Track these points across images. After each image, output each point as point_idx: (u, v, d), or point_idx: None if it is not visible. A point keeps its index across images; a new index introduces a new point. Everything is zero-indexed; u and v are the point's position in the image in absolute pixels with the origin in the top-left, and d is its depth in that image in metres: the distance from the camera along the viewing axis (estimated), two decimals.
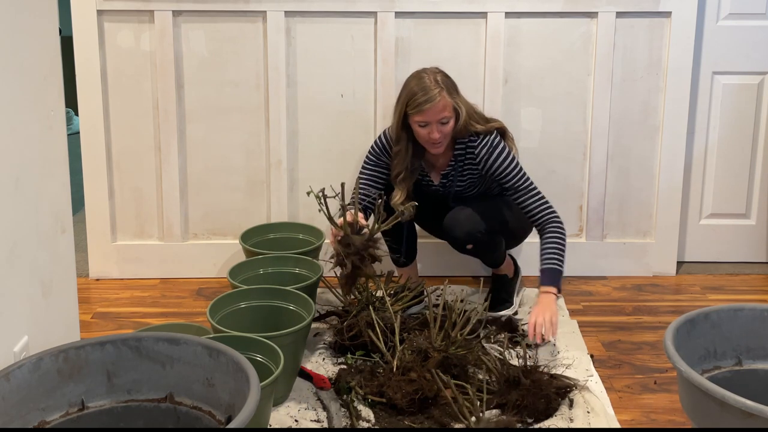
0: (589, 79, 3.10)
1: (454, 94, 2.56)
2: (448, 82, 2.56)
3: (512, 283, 2.92)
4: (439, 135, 2.55)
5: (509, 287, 2.90)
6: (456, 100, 2.56)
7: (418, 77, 2.56)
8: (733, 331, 2.02)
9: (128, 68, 3.06)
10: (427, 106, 2.51)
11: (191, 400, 1.79)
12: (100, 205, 3.13)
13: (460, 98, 2.59)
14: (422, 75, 2.56)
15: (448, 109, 2.54)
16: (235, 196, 3.18)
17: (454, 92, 2.57)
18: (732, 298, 3.03)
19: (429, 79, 2.54)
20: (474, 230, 2.66)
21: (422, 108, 2.51)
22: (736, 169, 3.27)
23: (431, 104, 2.51)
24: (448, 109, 2.54)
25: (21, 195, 1.84)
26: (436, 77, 2.54)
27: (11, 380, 1.66)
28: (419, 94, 2.52)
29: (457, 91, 2.59)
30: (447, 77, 2.58)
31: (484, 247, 2.77)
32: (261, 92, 3.09)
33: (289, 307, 2.46)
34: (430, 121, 2.53)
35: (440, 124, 2.54)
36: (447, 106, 2.53)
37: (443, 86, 2.53)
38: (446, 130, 2.56)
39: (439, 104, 2.51)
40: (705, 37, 3.14)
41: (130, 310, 2.94)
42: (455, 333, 2.40)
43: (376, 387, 2.25)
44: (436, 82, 2.53)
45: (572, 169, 3.16)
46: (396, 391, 2.19)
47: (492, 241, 2.75)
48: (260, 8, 3.01)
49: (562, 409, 2.27)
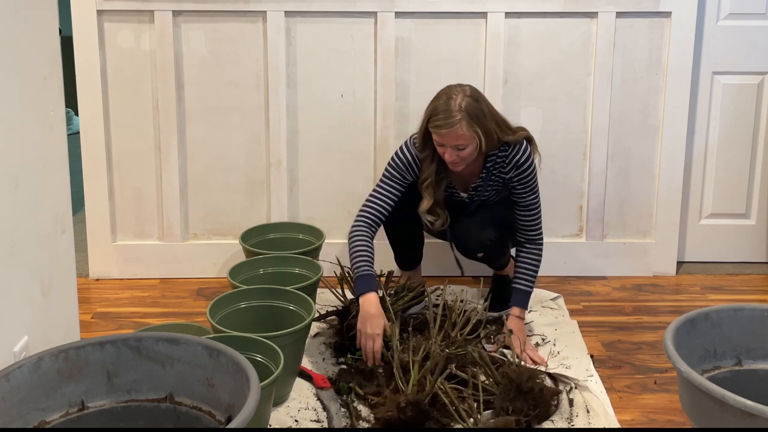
0: (589, 79, 3.10)
1: (475, 123, 2.42)
2: (475, 108, 2.43)
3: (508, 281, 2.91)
4: (454, 158, 2.47)
5: (507, 286, 2.89)
6: (476, 129, 2.43)
7: (447, 96, 2.45)
8: (733, 331, 2.02)
9: (128, 68, 3.06)
10: (443, 131, 2.43)
11: (191, 400, 1.79)
12: (100, 205, 3.13)
13: (483, 124, 2.44)
14: (452, 95, 2.44)
15: (465, 138, 2.43)
16: (235, 196, 3.18)
17: (478, 119, 2.43)
18: (732, 298, 3.03)
19: (455, 102, 2.42)
20: (485, 239, 2.66)
21: (439, 131, 2.44)
22: (736, 169, 3.27)
23: (447, 130, 2.42)
24: (465, 138, 2.43)
25: (21, 195, 1.84)
26: (462, 102, 2.42)
27: (11, 380, 1.66)
28: (440, 115, 2.42)
29: (485, 116, 2.45)
30: (476, 101, 2.45)
31: (494, 254, 2.78)
32: (261, 92, 3.09)
33: (289, 307, 2.46)
34: (446, 144, 2.46)
35: (456, 149, 2.45)
36: (463, 136, 2.42)
37: (466, 113, 2.41)
38: (463, 155, 2.47)
39: (456, 131, 2.41)
40: (705, 37, 3.14)
41: (130, 310, 2.94)
42: (455, 333, 2.40)
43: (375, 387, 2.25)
44: (459, 108, 2.41)
45: (572, 169, 3.16)
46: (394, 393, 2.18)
47: (501, 247, 2.76)
48: (260, 8, 3.01)
49: (562, 409, 2.27)
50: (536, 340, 2.68)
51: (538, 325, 2.78)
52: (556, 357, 2.55)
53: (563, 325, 2.78)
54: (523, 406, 2.17)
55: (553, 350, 2.60)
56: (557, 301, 2.97)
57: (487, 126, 2.45)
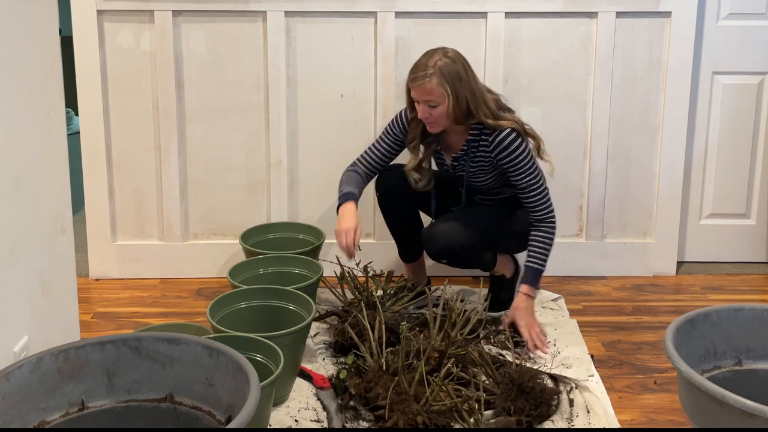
0: (589, 79, 3.10)
1: (447, 82, 2.47)
2: (450, 68, 2.48)
3: (512, 282, 2.91)
4: (427, 115, 2.52)
5: (508, 287, 2.89)
6: (449, 88, 2.47)
7: (428, 54, 2.52)
8: (733, 331, 2.02)
9: (128, 68, 3.06)
10: (415, 84, 2.50)
11: (191, 400, 1.79)
12: (100, 205, 3.13)
13: (460, 87, 2.49)
14: (433, 53, 2.52)
15: (436, 95, 2.48)
16: (235, 196, 3.18)
17: (451, 79, 2.47)
18: (732, 298, 3.03)
19: (432, 59, 2.49)
20: (449, 246, 2.64)
21: (412, 84, 2.52)
22: (736, 169, 3.27)
23: (417, 83, 2.49)
24: (436, 94, 2.48)
25: (21, 195, 1.84)
26: (438, 60, 2.48)
27: (11, 380, 1.66)
28: (414, 69, 2.52)
29: (460, 80, 2.48)
30: (453, 63, 2.49)
31: (460, 263, 2.79)
32: (261, 92, 3.09)
33: (289, 307, 2.46)
34: (418, 99, 2.52)
35: (429, 106, 2.51)
36: (434, 92, 2.47)
37: (438, 70, 2.46)
38: (436, 113, 2.51)
39: (425, 86, 2.48)
40: (705, 37, 3.14)
41: (130, 310, 2.94)
42: (455, 333, 2.40)
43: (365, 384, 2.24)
44: (434, 65, 2.47)
45: (572, 169, 3.16)
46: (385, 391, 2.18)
47: (470, 256, 2.74)
48: (260, 8, 3.01)
49: (563, 409, 2.27)
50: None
51: None
52: (557, 357, 2.55)
53: (563, 325, 2.78)
54: (524, 406, 2.17)
55: (553, 350, 2.60)
56: (558, 302, 2.97)
57: (458, 89, 2.48)
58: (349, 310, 2.58)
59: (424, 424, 2.06)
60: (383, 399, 2.13)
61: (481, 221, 2.72)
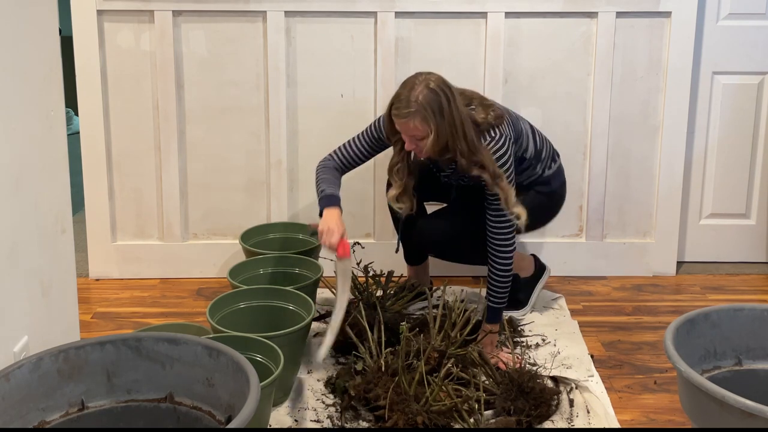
0: (589, 79, 3.10)
1: (430, 118, 2.33)
2: (432, 102, 2.33)
3: (528, 282, 2.88)
4: (413, 147, 2.43)
5: (524, 288, 2.88)
6: (430, 125, 2.34)
7: (410, 86, 2.37)
8: (733, 331, 2.02)
9: (128, 68, 3.06)
10: (398, 120, 2.39)
11: (191, 400, 1.79)
12: (100, 205, 3.13)
13: (437, 121, 2.34)
14: (415, 85, 2.36)
15: (419, 131, 2.36)
16: (235, 196, 3.18)
17: (433, 114, 2.33)
18: (732, 298, 3.03)
19: (414, 92, 2.34)
20: (431, 237, 2.68)
21: (396, 119, 2.40)
22: (736, 169, 3.27)
23: (402, 120, 2.37)
24: (419, 131, 2.36)
25: (21, 195, 1.84)
26: (420, 95, 2.33)
27: (11, 380, 1.66)
28: (397, 103, 2.38)
29: (441, 111, 2.34)
30: (436, 95, 2.34)
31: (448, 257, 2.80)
32: (261, 92, 3.09)
33: (289, 307, 2.46)
34: (403, 133, 2.43)
35: (415, 138, 2.40)
36: (416, 128, 2.36)
37: (421, 107, 2.33)
38: (422, 145, 2.40)
39: (408, 123, 2.36)
40: (705, 37, 3.14)
41: (130, 310, 2.94)
42: (455, 333, 2.40)
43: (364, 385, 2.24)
44: (416, 100, 2.33)
45: (572, 169, 3.15)
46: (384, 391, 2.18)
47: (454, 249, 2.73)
48: (260, 8, 3.01)
49: (563, 409, 2.27)
50: (536, 340, 2.68)
51: (538, 326, 2.78)
52: (557, 357, 2.55)
53: (564, 326, 2.78)
54: (524, 406, 2.18)
55: (553, 350, 2.60)
56: (558, 301, 2.97)
57: (440, 124, 2.34)
58: (349, 310, 2.58)
59: (424, 424, 2.06)
60: (383, 399, 2.13)
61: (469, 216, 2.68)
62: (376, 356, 2.33)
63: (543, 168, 2.68)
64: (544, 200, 2.71)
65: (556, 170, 2.74)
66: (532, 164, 2.64)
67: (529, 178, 2.67)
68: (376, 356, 2.33)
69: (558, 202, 2.79)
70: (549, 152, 2.72)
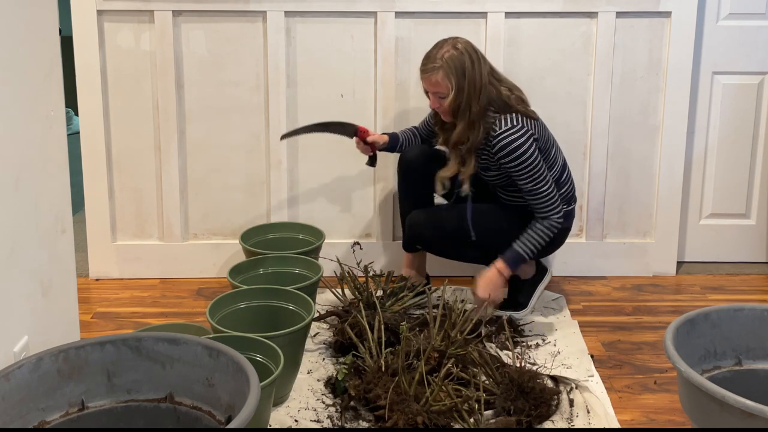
0: (589, 79, 3.10)
1: (452, 74, 2.50)
2: (456, 60, 2.50)
3: (528, 284, 2.88)
4: (436, 105, 2.58)
5: (523, 289, 2.88)
6: (451, 81, 2.50)
7: (438, 45, 2.55)
8: (733, 331, 2.02)
9: (128, 68, 3.06)
10: (423, 75, 2.57)
11: (191, 400, 1.79)
12: (100, 205, 3.13)
13: (458, 79, 2.50)
14: (443, 44, 2.54)
15: (441, 87, 2.52)
16: (235, 196, 3.18)
17: (455, 72, 2.49)
18: (732, 298, 3.03)
19: (441, 51, 2.52)
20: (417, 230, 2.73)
21: (421, 75, 2.58)
22: (736, 169, 3.27)
23: (426, 75, 2.55)
24: (441, 87, 2.52)
25: (21, 195, 1.84)
26: (446, 53, 2.51)
27: (11, 380, 1.66)
28: (425, 61, 2.56)
29: (462, 70, 2.50)
30: (461, 54, 2.51)
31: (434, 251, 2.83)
32: (261, 92, 3.09)
33: (289, 307, 2.46)
34: (428, 90, 2.59)
35: (438, 96, 2.56)
36: (438, 84, 2.52)
37: (445, 63, 2.50)
38: (444, 104, 2.55)
39: (430, 78, 2.53)
40: (705, 37, 3.14)
41: (130, 310, 2.94)
42: (455, 333, 2.40)
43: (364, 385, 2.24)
44: (441, 57, 2.51)
45: (572, 169, 3.14)
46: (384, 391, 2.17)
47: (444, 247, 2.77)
48: (260, 8, 3.01)
49: (563, 409, 2.27)
50: (536, 340, 2.68)
51: (538, 325, 2.78)
52: (557, 357, 2.55)
53: (564, 325, 2.78)
54: (524, 406, 2.18)
55: (553, 350, 2.60)
56: (558, 301, 2.97)
57: (461, 82, 2.50)
58: (349, 310, 2.58)
59: (424, 424, 2.06)
60: (383, 399, 2.13)
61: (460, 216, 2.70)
62: (376, 356, 2.33)
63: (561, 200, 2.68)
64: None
65: (568, 212, 2.75)
66: None
67: None
68: (376, 356, 2.33)
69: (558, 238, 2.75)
70: (569, 191, 2.76)
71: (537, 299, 2.89)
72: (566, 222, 2.72)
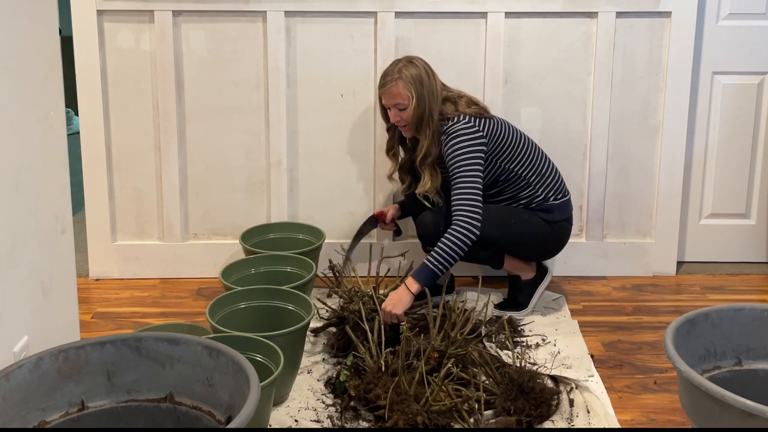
0: (589, 79, 3.10)
1: (411, 84, 2.62)
2: (414, 74, 2.64)
3: (529, 285, 2.88)
4: (398, 118, 2.68)
5: (525, 290, 2.88)
6: (410, 90, 2.62)
7: (393, 63, 2.71)
8: (733, 331, 2.02)
9: (128, 68, 3.06)
10: (382, 90, 2.68)
11: (191, 400, 1.79)
12: (100, 205, 3.13)
13: (417, 88, 2.63)
14: (398, 61, 2.70)
15: (402, 97, 2.64)
16: (235, 196, 3.18)
17: (413, 82, 2.63)
18: (732, 298, 3.03)
19: (397, 66, 2.66)
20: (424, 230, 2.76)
21: (380, 91, 2.70)
22: (736, 169, 3.27)
23: (385, 89, 2.66)
24: (402, 97, 2.63)
25: (21, 195, 1.84)
26: (402, 67, 2.65)
27: (11, 380, 1.66)
28: (382, 77, 2.70)
29: (420, 81, 2.63)
30: (416, 68, 2.65)
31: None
32: (261, 92, 3.09)
33: (288, 307, 2.46)
34: (388, 105, 2.69)
35: (398, 110, 2.66)
36: (400, 94, 2.63)
37: (402, 74, 2.63)
38: (405, 116, 2.66)
39: (391, 90, 2.64)
40: (705, 37, 3.14)
41: (130, 310, 2.94)
42: (455, 333, 2.40)
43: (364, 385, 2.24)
44: (398, 70, 2.65)
45: (572, 169, 3.16)
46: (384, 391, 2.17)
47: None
48: (260, 8, 3.01)
49: (563, 409, 2.27)
50: (536, 340, 2.68)
51: (538, 326, 2.78)
52: (557, 357, 2.55)
53: (564, 326, 2.78)
54: (524, 406, 2.18)
55: (553, 350, 2.60)
56: (558, 301, 2.97)
57: (420, 90, 2.63)
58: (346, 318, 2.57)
59: (424, 424, 2.06)
60: (383, 399, 2.13)
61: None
62: (376, 356, 2.33)
63: (546, 192, 2.75)
64: (547, 229, 2.76)
65: (563, 204, 2.79)
66: (530, 183, 2.74)
67: (531, 199, 2.75)
68: (376, 356, 2.33)
69: (561, 234, 2.80)
70: (556, 183, 2.79)
71: (537, 299, 2.89)
72: (563, 212, 2.80)
